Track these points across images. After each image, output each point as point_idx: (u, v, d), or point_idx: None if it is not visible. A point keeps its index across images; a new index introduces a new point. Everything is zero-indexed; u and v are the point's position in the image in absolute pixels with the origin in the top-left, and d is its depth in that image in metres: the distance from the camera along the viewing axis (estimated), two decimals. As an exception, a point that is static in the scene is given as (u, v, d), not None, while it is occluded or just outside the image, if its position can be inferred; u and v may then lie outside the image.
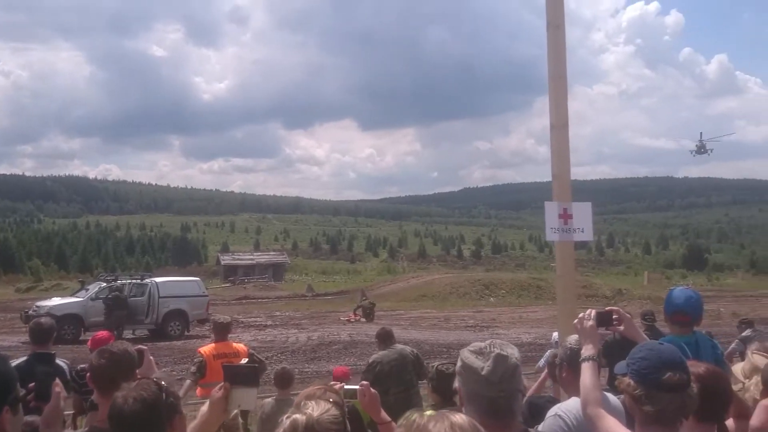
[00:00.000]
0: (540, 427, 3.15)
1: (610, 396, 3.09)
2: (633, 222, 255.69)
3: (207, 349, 7.29)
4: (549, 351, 7.56)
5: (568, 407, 3.16)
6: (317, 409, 2.00)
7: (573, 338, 3.46)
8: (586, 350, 2.99)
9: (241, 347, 7.51)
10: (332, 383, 3.67)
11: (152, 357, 3.22)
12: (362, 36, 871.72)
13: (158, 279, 26.02)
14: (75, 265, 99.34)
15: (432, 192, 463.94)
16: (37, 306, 23.68)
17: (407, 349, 8.01)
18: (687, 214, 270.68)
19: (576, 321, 3.13)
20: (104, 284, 24.56)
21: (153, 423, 2.24)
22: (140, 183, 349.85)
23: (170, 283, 25.71)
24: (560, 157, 4.92)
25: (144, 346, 3.26)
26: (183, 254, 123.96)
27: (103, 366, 2.99)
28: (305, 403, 2.06)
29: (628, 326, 3.23)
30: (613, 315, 3.20)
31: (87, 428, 3.18)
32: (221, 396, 2.53)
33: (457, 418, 1.66)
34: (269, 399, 6.96)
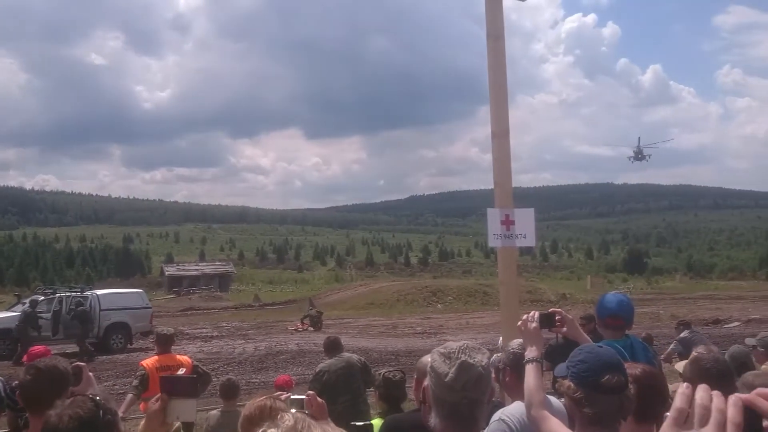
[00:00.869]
0: (485, 432, 3.18)
1: (553, 399, 3.12)
2: (575, 228, 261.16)
3: (150, 362, 7.14)
4: (494, 356, 7.65)
5: (512, 411, 3.20)
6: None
7: (516, 343, 3.51)
8: (530, 352, 3.01)
9: (185, 359, 7.39)
10: (277, 393, 3.65)
11: (92, 373, 3.10)
12: (306, 45, 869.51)
13: (99, 291, 25.34)
14: (11, 279, 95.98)
15: (379, 200, 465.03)
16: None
17: (354, 358, 8.03)
18: (627, 220, 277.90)
19: (519, 323, 3.15)
20: (41, 298, 23.79)
21: None
22: (80, 194, 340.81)
23: (112, 296, 25.09)
24: (501, 165, 5.01)
25: (82, 363, 3.16)
26: (126, 266, 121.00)
27: (30, 383, 2.84)
28: (281, 416, 2.01)
29: (571, 328, 3.27)
30: (556, 316, 3.25)
31: None
32: (158, 408, 2.47)
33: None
34: (215, 411, 6.88)
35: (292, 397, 2.86)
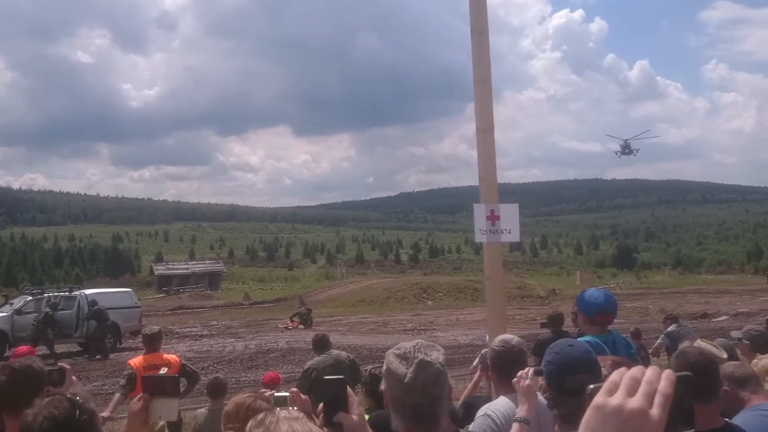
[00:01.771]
0: (471, 427, 3.17)
1: (542, 398, 3.12)
2: (564, 223, 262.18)
3: (137, 361, 7.11)
4: (483, 351, 7.67)
5: (497, 406, 3.20)
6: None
7: (498, 339, 3.52)
8: (521, 410, 2.94)
9: (173, 357, 7.35)
10: (262, 390, 3.63)
11: (83, 372, 3.04)
12: (294, 43, 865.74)
13: (88, 291, 25.22)
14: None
15: (369, 197, 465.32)
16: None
17: (343, 355, 8.02)
18: (616, 215, 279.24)
19: (515, 380, 3.05)
20: (30, 298, 23.65)
21: None
22: (68, 193, 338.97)
23: (100, 295, 24.94)
24: (487, 160, 5.00)
25: (66, 365, 3.12)
26: (115, 265, 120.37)
27: (4, 383, 2.78)
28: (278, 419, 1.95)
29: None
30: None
31: None
32: (140, 408, 2.45)
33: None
34: (202, 409, 6.86)
35: (276, 395, 2.86)
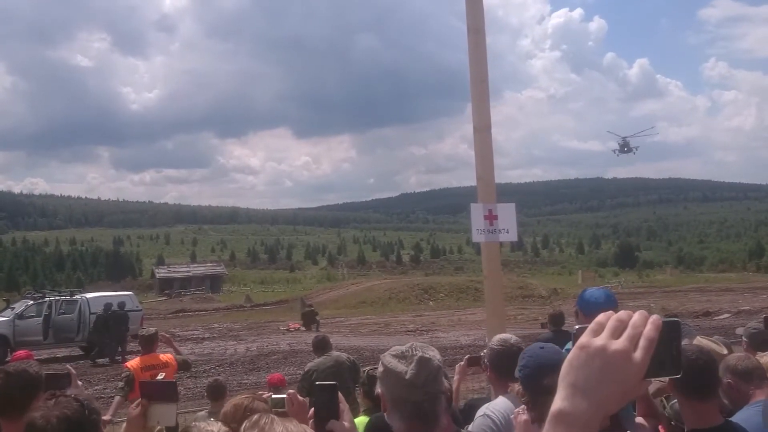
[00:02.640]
0: (470, 428, 3.17)
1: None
2: (566, 223, 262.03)
3: (134, 363, 7.14)
4: (483, 351, 7.66)
5: (496, 406, 3.19)
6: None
7: (496, 339, 3.50)
8: None
9: (169, 357, 7.38)
10: (259, 393, 3.62)
11: (84, 376, 3.04)
12: (293, 44, 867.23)
13: (89, 295, 25.22)
14: (1, 284, 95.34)
15: (369, 198, 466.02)
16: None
17: (343, 356, 8.02)
18: (617, 214, 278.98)
19: (512, 415, 2.98)
20: (31, 302, 23.65)
21: None
22: (69, 197, 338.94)
23: (101, 299, 24.93)
24: (484, 159, 4.98)
25: (72, 369, 3.10)
26: (117, 269, 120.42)
27: None
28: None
29: None
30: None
31: None
32: (139, 413, 2.45)
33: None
34: (202, 412, 6.85)
35: (274, 397, 2.85)
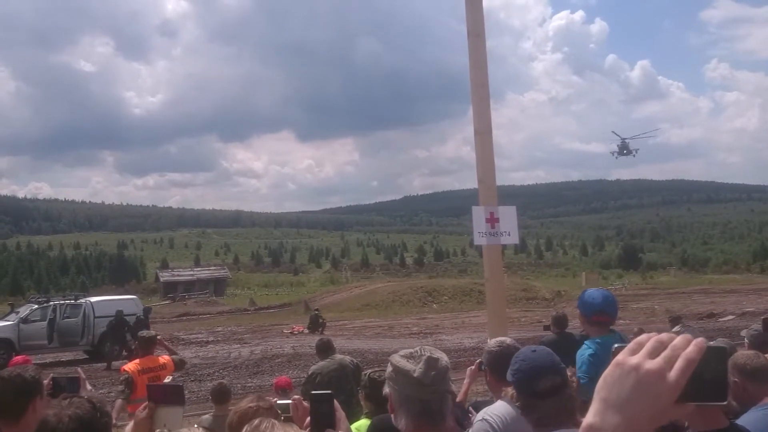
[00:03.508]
0: (469, 431, 3.19)
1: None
2: (569, 225, 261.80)
3: (132, 366, 7.21)
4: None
5: (495, 410, 3.20)
6: None
7: (494, 341, 3.52)
8: None
9: (167, 358, 7.44)
10: (267, 396, 3.64)
11: (88, 380, 3.06)
12: (296, 47, 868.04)
13: (93, 299, 25.28)
14: (5, 288, 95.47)
15: (373, 201, 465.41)
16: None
17: (347, 359, 8.02)
18: (620, 215, 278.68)
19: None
20: (35, 306, 23.72)
21: None
22: (73, 201, 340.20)
23: (106, 303, 24.97)
24: (485, 162, 5.01)
25: (82, 374, 3.12)
26: (121, 272, 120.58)
27: None
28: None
29: None
30: None
31: None
32: (146, 416, 2.48)
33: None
34: (207, 415, 6.86)
35: (278, 402, 2.87)
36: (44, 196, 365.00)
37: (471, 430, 3.18)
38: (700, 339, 0.94)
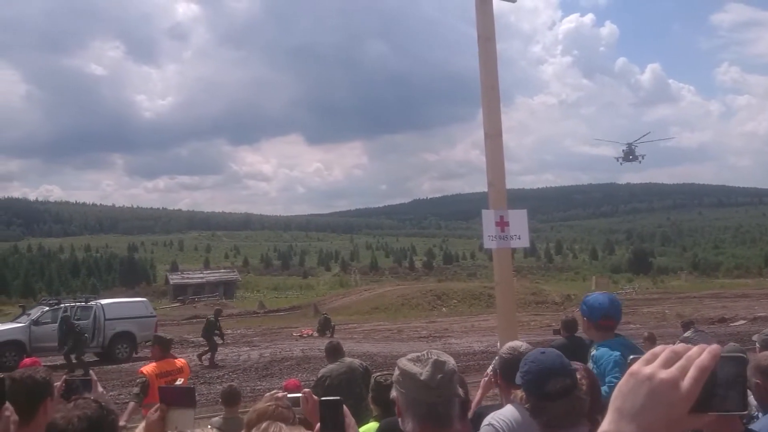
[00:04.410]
0: (475, 436, 3.18)
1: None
2: (579, 228, 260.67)
3: (149, 369, 7.19)
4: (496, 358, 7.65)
5: (503, 415, 3.19)
6: None
7: (506, 347, 3.51)
8: None
9: (184, 362, 7.45)
10: (281, 394, 3.65)
11: (99, 381, 3.08)
12: (305, 51, 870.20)
13: (104, 301, 25.37)
14: (17, 290, 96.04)
15: (382, 204, 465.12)
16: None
17: (356, 362, 8.02)
18: (631, 219, 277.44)
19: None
20: (47, 308, 23.85)
21: None
22: (84, 203, 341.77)
23: (116, 305, 25.09)
24: (495, 165, 5.00)
25: (94, 376, 3.14)
26: (131, 275, 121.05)
27: (3, 393, 2.68)
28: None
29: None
30: None
31: None
32: (157, 418, 2.49)
33: None
34: (217, 418, 6.88)
35: (289, 396, 2.89)
36: (55, 199, 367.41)
37: (477, 435, 3.17)
38: (715, 346, 0.94)
